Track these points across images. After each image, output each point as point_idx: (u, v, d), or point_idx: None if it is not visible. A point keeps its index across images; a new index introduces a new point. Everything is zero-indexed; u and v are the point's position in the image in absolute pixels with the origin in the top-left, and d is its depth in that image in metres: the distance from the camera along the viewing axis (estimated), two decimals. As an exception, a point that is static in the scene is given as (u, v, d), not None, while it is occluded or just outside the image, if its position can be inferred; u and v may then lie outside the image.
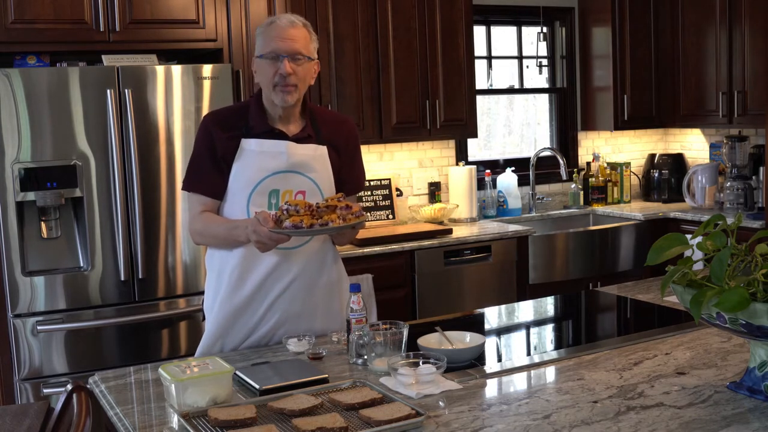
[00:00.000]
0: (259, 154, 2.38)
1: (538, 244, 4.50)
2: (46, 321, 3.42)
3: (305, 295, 2.43)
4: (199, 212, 2.41)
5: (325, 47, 4.19)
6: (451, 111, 4.55)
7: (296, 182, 2.40)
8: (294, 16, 2.41)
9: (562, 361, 2.14)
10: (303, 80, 2.37)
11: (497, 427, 1.69)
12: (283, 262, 2.38)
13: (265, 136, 2.40)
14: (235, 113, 2.47)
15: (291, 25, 2.36)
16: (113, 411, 1.91)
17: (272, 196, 2.38)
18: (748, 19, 4.67)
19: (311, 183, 2.41)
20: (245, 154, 2.38)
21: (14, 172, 3.35)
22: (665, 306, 2.64)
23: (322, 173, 2.44)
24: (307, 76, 2.40)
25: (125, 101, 3.49)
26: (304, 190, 2.40)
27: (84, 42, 3.54)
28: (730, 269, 1.73)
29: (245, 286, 2.39)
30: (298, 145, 2.40)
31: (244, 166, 2.38)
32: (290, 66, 2.33)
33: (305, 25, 2.40)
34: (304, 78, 2.38)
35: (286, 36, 2.34)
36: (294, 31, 2.36)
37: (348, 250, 4.03)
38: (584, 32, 5.35)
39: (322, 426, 1.64)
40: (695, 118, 5.11)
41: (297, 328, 2.40)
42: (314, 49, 2.42)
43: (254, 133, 2.40)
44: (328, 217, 2.18)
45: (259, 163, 2.37)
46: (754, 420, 1.68)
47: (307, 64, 2.37)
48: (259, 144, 2.39)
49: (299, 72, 2.35)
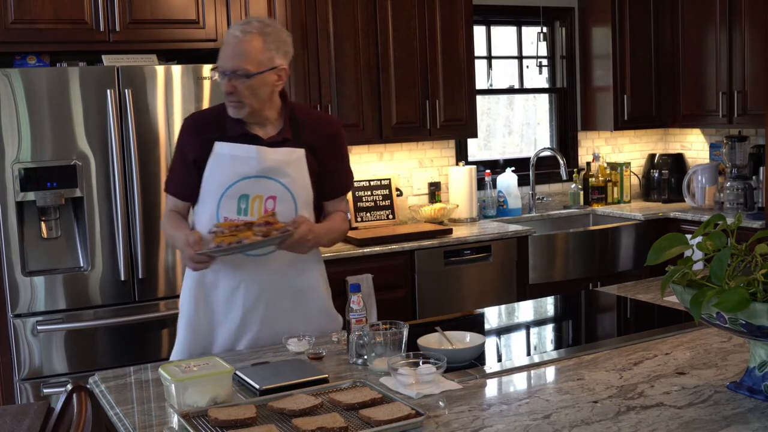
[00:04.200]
0: (231, 158, 2.36)
1: (538, 244, 4.50)
2: (46, 321, 3.42)
3: (279, 299, 2.42)
4: (168, 211, 2.47)
5: (325, 47, 4.19)
6: (451, 111, 4.55)
7: (267, 187, 2.37)
8: (251, 23, 2.33)
9: (562, 361, 2.14)
10: (252, 95, 2.31)
11: (497, 427, 1.69)
12: (254, 269, 2.38)
13: (239, 140, 2.37)
14: (213, 116, 2.44)
15: (241, 37, 2.30)
16: (113, 411, 1.91)
17: (242, 201, 2.37)
18: (748, 19, 4.67)
19: (282, 188, 2.38)
20: (217, 157, 2.38)
21: (14, 172, 3.35)
22: (665, 306, 2.64)
23: (297, 177, 2.40)
24: (260, 89, 2.32)
25: (125, 101, 3.49)
26: (275, 195, 2.38)
27: (84, 42, 3.54)
28: (730, 269, 1.73)
29: (218, 292, 2.41)
30: (270, 150, 2.37)
31: (215, 170, 2.37)
32: (230, 84, 2.30)
33: (262, 33, 2.31)
34: (254, 92, 2.31)
35: (231, 52, 2.30)
36: (242, 45, 2.29)
37: (348, 250, 4.03)
38: (584, 32, 5.35)
39: (322, 426, 1.64)
40: (695, 118, 5.11)
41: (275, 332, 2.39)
42: (273, 56, 2.33)
43: (228, 137, 2.38)
44: (242, 235, 2.21)
45: (230, 167, 2.36)
46: (754, 420, 1.68)
47: (256, 79, 2.30)
48: (231, 148, 2.37)
49: (241, 89, 2.30)
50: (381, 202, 4.62)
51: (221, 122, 2.40)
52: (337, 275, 3.96)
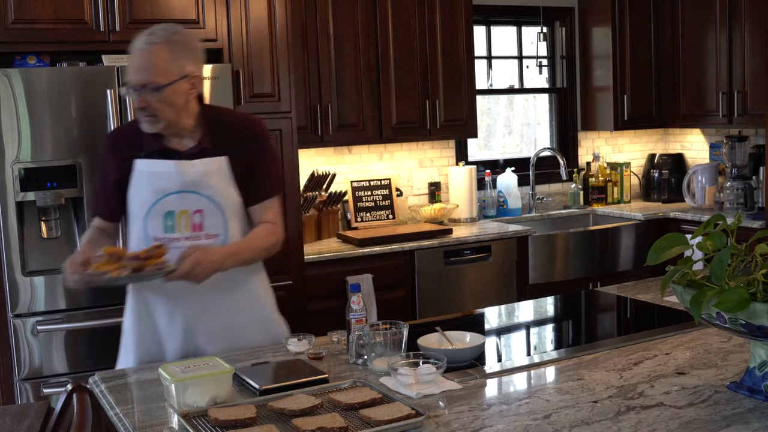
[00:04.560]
0: (150, 175, 2.31)
1: (538, 244, 4.50)
2: (46, 321, 3.41)
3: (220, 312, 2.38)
4: (91, 226, 2.45)
5: (325, 47, 4.19)
6: (451, 111, 4.55)
7: (192, 202, 2.31)
8: (156, 33, 2.25)
9: (562, 361, 2.14)
10: (165, 107, 2.24)
11: (497, 427, 1.69)
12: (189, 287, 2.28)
13: (156, 156, 2.31)
14: (130, 132, 2.36)
15: (146, 49, 2.23)
16: (113, 411, 1.91)
17: (168, 218, 2.31)
18: (748, 19, 4.67)
19: (207, 201, 2.31)
20: (138, 175, 2.32)
21: (14, 172, 3.35)
22: (665, 306, 2.64)
23: (221, 188, 2.33)
24: (173, 100, 2.24)
25: (125, 101, 3.48)
26: (201, 208, 2.31)
27: (84, 42, 3.54)
28: (730, 269, 1.73)
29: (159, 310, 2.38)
30: (189, 163, 2.30)
31: (137, 189, 2.33)
32: (141, 100, 2.23)
33: (167, 42, 2.24)
34: (167, 104, 2.24)
35: (137, 66, 2.24)
36: (148, 57, 2.23)
37: (348, 250, 4.03)
38: (584, 32, 5.35)
39: (322, 426, 1.64)
40: (695, 118, 5.11)
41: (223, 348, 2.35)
42: (183, 64, 2.25)
43: (145, 153, 2.32)
44: (109, 267, 2.14)
45: (151, 185, 2.31)
46: (754, 420, 1.68)
47: (167, 90, 2.22)
48: (150, 164, 2.31)
49: (153, 103, 2.22)
50: (381, 202, 4.62)
51: (138, 138, 2.32)
52: (337, 275, 3.97)
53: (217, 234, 2.32)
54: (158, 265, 2.17)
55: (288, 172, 3.81)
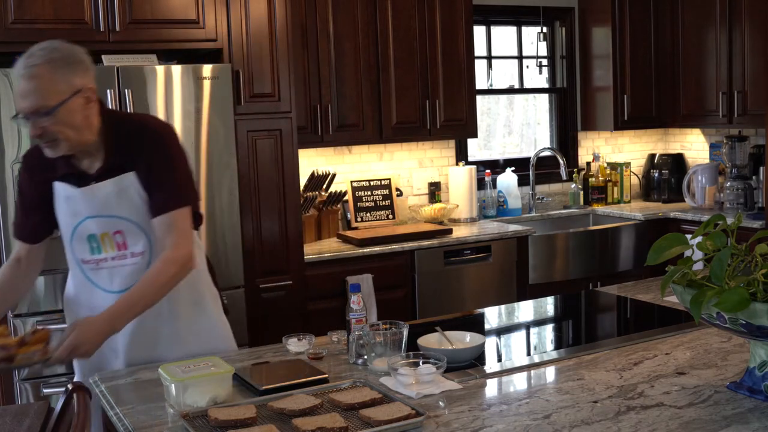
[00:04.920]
0: (66, 199, 2.24)
1: (538, 244, 4.50)
2: (46, 321, 3.41)
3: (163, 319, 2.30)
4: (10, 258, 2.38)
5: (325, 47, 4.19)
6: (451, 111, 4.55)
7: (109, 224, 2.23)
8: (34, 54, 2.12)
9: (562, 361, 2.14)
10: (64, 128, 2.11)
11: (497, 427, 1.69)
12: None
13: (69, 179, 2.23)
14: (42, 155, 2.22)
15: (28, 73, 2.09)
16: (113, 411, 1.91)
17: (92, 241, 2.26)
18: (748, 19, 4.67)
19: (124, 221, 2.22)
20: (58, 199, 2.26)
21: (14, 172, 3.34)
22: (665, 306, 2.64)
23: (135, 204, 2.22)
24: (70, 119, 2.11)
25: (125, 101, 3.48)
26: (121, 229, 2.23)
27: (84, 42, 3.50)
28: (730, 269, 1.73)
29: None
30: (97, 186, 2.20)
31: (60, 212, 2.27)
32: (36, 127, 2.10)
33: (48, 60, 2.10)
34: (65, 125, 2.11)
35: (23, 92, 2.10)
36: (31, 82, 2.09)
37: (348, 250, 4.03)
38: (584, 32, 5.35)
39: (322, 426, 1.65)
40: (695, 118, 5.11)
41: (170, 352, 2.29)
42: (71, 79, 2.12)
43: (59, 176, 2.24)
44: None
45: (69, 209, 2.25)
46: (754, 420, 1.68)
47: (60, 111, 2.08)
48: (64, 189, 2.24)
49: (49, 127, 2.09)
50: (381, 202, 4.62)
51: (50, 161, 2.21)
52: (337, 275, 3.97)
53: (142, 251, 2.25)
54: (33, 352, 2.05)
55: (288, 172, 3.81)
